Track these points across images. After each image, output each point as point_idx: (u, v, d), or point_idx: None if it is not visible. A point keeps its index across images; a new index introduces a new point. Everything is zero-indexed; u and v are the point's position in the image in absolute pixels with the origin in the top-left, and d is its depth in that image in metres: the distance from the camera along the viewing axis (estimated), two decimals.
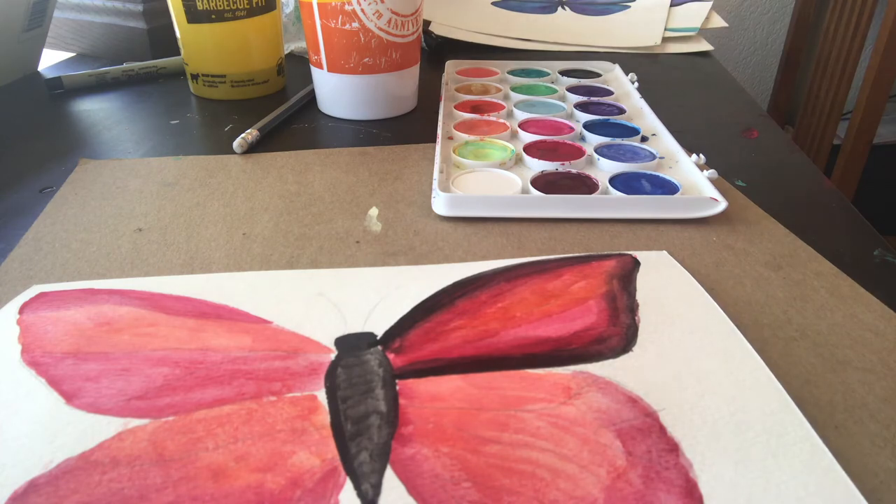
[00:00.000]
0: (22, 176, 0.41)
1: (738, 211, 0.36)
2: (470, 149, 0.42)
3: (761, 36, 1.50)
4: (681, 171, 0.39)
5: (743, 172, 0.40)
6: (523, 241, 0.33)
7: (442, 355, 0.25)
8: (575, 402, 0.23)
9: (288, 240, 0.33)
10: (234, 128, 0.48)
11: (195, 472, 0.20)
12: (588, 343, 0.25)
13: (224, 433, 0.21)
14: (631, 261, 0.31)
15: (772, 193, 0.38)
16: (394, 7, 0.45)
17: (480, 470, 0.20)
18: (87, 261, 0.31)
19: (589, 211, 0.35)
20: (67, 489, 0.19)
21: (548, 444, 0.21)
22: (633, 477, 0.20)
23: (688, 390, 0.23)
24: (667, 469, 0.20)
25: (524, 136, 0.44)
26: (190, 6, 0.50)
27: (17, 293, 0.29)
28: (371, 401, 0.23)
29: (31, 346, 0.25)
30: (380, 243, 0.33)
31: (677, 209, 0.35)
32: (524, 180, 0.37)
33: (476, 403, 0.23)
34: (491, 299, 0.28)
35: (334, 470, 0.20)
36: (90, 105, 0.53)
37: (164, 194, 0.38)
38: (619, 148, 0.42)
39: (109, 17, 0.64)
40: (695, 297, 0.28)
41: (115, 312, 0.27)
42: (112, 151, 0.44)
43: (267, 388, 0.23)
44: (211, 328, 0.26)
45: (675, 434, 0.21)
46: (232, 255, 0.32)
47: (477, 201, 0.35)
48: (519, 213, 0.35)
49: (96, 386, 0.23)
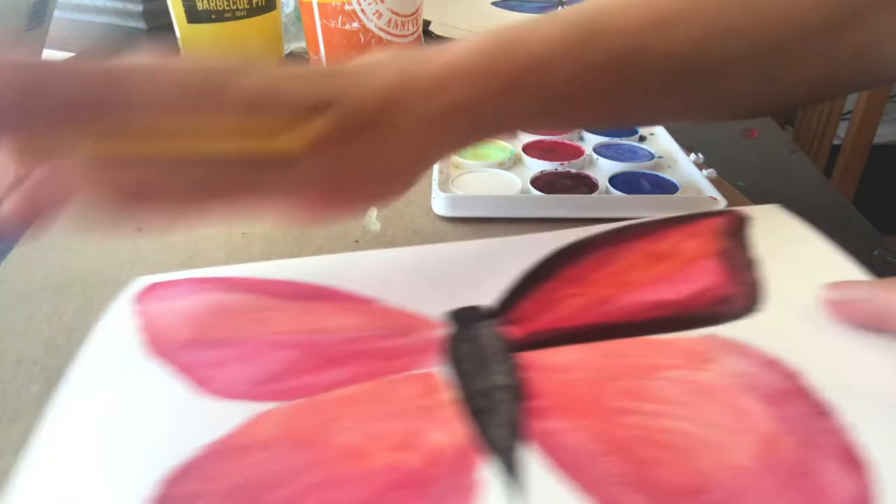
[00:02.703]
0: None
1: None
2: (469, 149, 0.42)
3: None
4: (679, 171, 0.39)
5: (743, 172, 0.40)
6: None
7: (559, 325, 0.24)
8: (710, 367, 0.21)
9: (287, 239, 0.33)
10: None
11: (333, 453, 0.20)
12: (711, 304, 0.24)
13: (353, 413, 0.21)
14: (738, 216, 0.29)
15: (772, 193, 0.38)
16: (394, 7, 0.45)
17: (623, 442, 0.19)
18: (87, 260, 0.32)
19: (588, 211, 0.35)
20: (213, 474, 0.19)
21: (689, 412, 0.20)
22: (786, 443, 0.19)
23: (830, 349, 0.22)
24: (821, 433, 0.19)
25: (523, 135, 0.44)
26: (190, 6, 0.50)
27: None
28: (494, 374, 0.22)
29: (155, 336, 0.25)
30: (379, 243, 0.33)
31: (677, 208, 0.35)
32: (523, 180, 0.37)
33: (606, 373, 0.22)
34: (598, 265, 0.27)
35: (470, 446, 0.20)
36: None
37: None
38: (618, 147, 0.42)
39: (109, 17, 0.64)
40: (819, 250, 0.26)
41: (226, 299, 0.27)
42: None
43: (387, 367, 0.23)
44: (320, 310, 0.26)
45: (824, 396, 0.20)
46: (231, 255, 0.32)
47: (477, 201, 0.35)
48: (518, 213, 0.35)
49: (224, 372, 0.23)
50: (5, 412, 0.23)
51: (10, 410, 0.23)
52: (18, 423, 0.22)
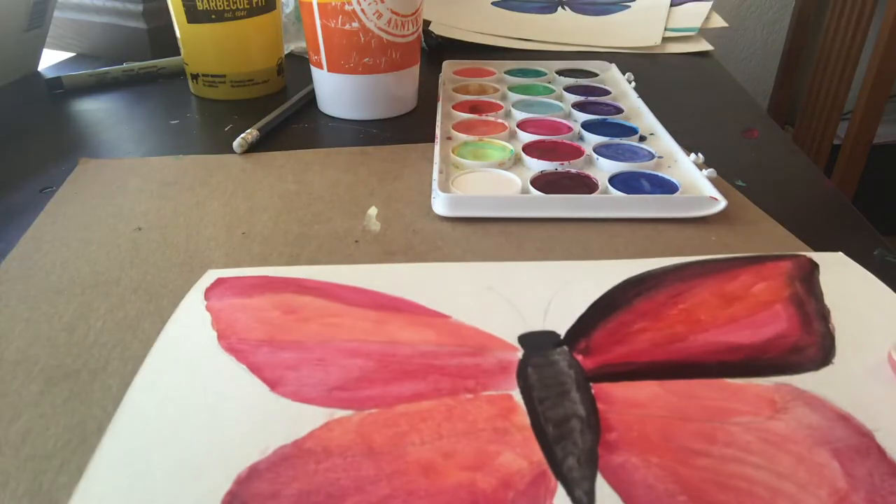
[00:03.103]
0: (22, 176, 0.41)
1: (738, 211, 0.36)
2: (469, 149, 0.42)
3: (761, 36, 1.50)
4: (680, 171, 0.39)
5: (743, 172, 0.40)
6: (522, 240, 0.33)
7: (632, 359, 0.24)
8: (783, 416, 0.22)
9: (287, 239, 0.33)
10: (233, 128, 0.48)
11: (406, 466, 0.20)
12: (785, 352, 0.24)
13: (428, 429, 0.21)
14: (808, 262, 0.30)
15: (772, 193, 0.38)
16: (394, 7, 0.45)
17: (694, 484, 0.19)
18: (86, 260, 0.32)
19: (588, 210, 0.35)
20: (287, 476, 0.20)
21: (761, 461, 0.20)
22: (857, 501, 0.19)
23: None
24: (893, 495, 0.19)
25: (523, 135, 0.44)
26: (190, 6, 0.50)
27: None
28: (568, 403, 0.22)
29: (226, 332, 0.25)
30: (379, 243, 0.33)
31: (677, 208, 0.35)
32: (524, 180, 0.37)
33: (679, 412, 0.22)
34: (670, 300, 0.27)
35: (544, 473, 0.20)
36: (90, 105, 0.53)
37: (164, 194, 0.38)
38: (618, 147, 0.42)
39: (109, 17, 0.64)
40: (889, 303, 0.27)
41: (297, 301, 0.27)
42: (112, 151, 0.44)
43: (462, 385, 0.23)
44: (393, 320, 0.26)
45: (894, 457, 0.20)
46: (231, 255, 0.32)
47: (477, 201, 0.35)
48: (519, 213, 0.35)
49: (297, 374, 0.23)
50: (5, 412, 0.23)
51: (10, 410, 0.23)
52: (18, 423, 0.22)
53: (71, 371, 0.25)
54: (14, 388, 0.24)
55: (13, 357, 0.25)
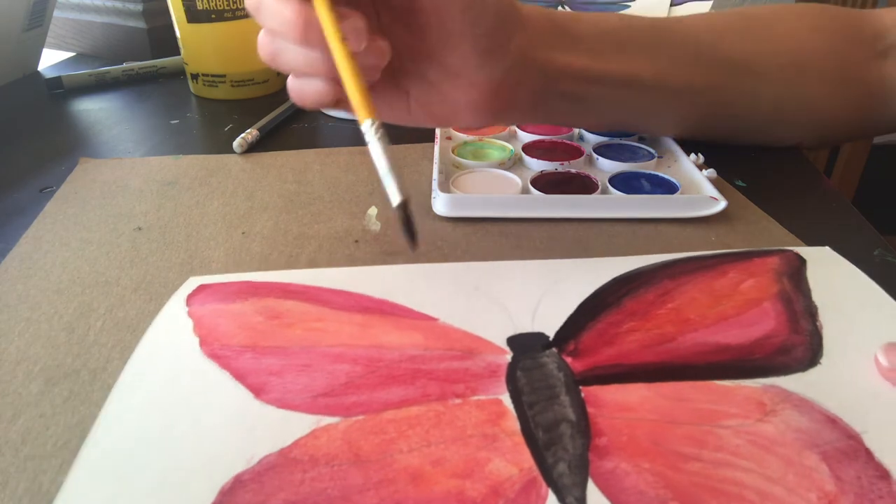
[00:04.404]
0: (22, 176, 0.41)
1: (738, 211, 0.36)
2: (469, 149, 0.42)
3: None
4: (680, 171, 0.39)
5: (743, 172, 0.40)
6: (522, 240, 0.33)
7: (621, 360, 0.24)
8: (772, 419, 0.22)
9: (287, 239, 0.33)
10: (233, 127, 0.48)
11: (394, 474, 0.20)
12: (772, 353, 0.24)
13: (416, 435, 0.21)
14: (796, 257, 0.30)
15: (772, 193, 0.38)
16: None
17: (685, 489, 0.19)
18: (86, 260, 0.32)
19: (588, 210, 0.35)
20: (272, 486, 0.19)
21: (751, 465, 0.20)
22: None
23: (890, 411, 0.22)
24: (881, 498, 0.19)
25: (523, 135, 0.44)
26: (190, 6, 0.50)
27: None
28: (558, 407, 0.22)
29: (208, 338, 0.25)
30: (378, 243, 0.33)
31: (677, 208, 0.35)
32: (524, 180, 0.37)
33: (668, 416, 0.22)
34: (658, 299, 0.27)
35: (534, 480, 0.20)
36: (90, 105, 0.53)
37: (164, 193, 0.38)
38: (618, 147, 0.42)
39: (109, 17, 0.64)
40: (875, 300, 0.27)
41: (281, 306, 0.27)
42: (112, 151, 0.44)
43: (450, 390, 0.23)
44: (379, 324, 0.26)
45: (883, 459, 0.20)
46: (231, 254, 0.32)
47: (477, 201, 0.35)
48: (519, 213, 0.35)
49: (281, 381, 0.23)
50: (5, 412, 0.23)
51: (10, 410, 0.23)
52: (18, 423, 0.22)
53: (71, 371, 0.25)
54: (14, 388, 0.24)
55: (13, 357, 0.25)
